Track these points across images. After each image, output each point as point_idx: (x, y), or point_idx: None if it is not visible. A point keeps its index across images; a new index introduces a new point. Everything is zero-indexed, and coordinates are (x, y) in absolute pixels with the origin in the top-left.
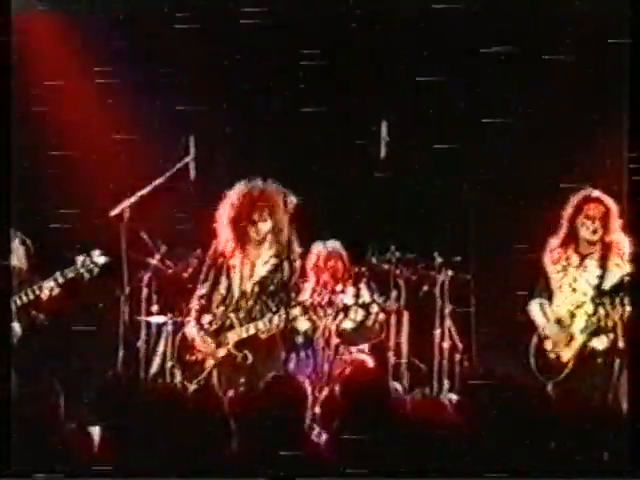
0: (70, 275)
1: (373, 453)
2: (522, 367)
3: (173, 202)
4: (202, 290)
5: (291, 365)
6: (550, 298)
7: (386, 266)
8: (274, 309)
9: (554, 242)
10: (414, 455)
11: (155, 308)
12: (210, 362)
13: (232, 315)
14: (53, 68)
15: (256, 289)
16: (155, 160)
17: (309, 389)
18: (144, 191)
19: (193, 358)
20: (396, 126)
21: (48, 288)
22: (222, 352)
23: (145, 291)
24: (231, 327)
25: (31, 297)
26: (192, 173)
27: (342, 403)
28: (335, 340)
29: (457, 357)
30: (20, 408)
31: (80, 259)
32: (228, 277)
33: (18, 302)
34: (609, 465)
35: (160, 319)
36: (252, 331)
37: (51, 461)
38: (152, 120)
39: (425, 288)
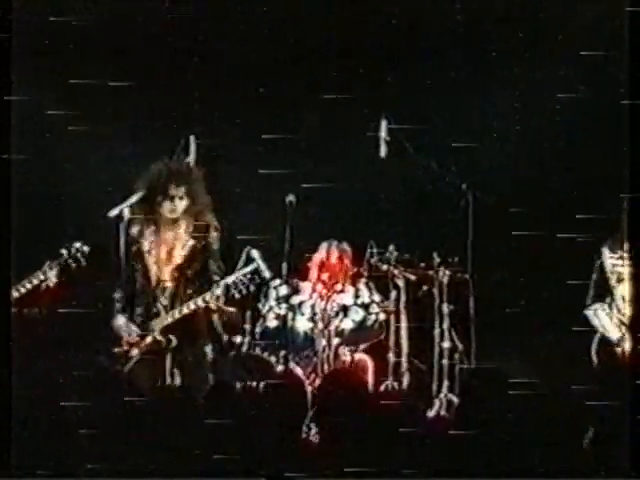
0: (58, 267)
1: (373, 453)
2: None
3: None
4: (121, 279)
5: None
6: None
7: (385, 266)
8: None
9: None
10: (414, 455)
11: None
12: (134, 352)
13: (157, 303)
14: (52, 66)
15: (175, 274)
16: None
17: (308, 388)
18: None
19: (121, 350)
20: (396, 125)
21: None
22: (147, 340)
23: None
24: (157, 315)
25: (22, 291)
26: None
27: (337, 402)
28: (335, 340)
29: (457, 357)
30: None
31: (64, 251)
32: (143, 263)
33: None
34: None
35: None
36: (177, 316)
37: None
38: (151, 119)
39: (424, 288)
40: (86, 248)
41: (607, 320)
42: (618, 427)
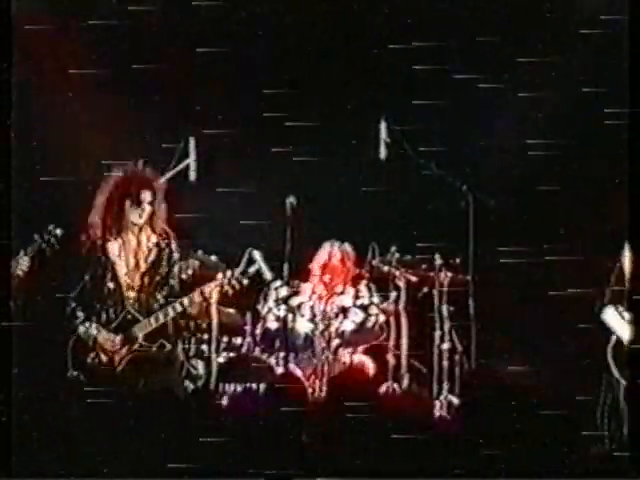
0: (33, 252)
1: (373, 453)
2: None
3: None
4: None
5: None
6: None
7: (386, 268)
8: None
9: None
10: (414, 455)
11: None
12: (117, 359)
13: (131, 309)
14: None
15: (146, 280)
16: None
17: (309, 390)
18: None
19: (97, 360)
20: (396, 127)
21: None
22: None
23: None
24: (135, 321)
25: None
26: (192, 175)
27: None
28: (335, 341)
29: (457, 358)
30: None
31: (37, 235)
32: (112, 269)
33: None
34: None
35: None
36: (162, 320)
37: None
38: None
39: (425, 289)
40: (59, 231)
41: (623, 322)
42: (618, 427)
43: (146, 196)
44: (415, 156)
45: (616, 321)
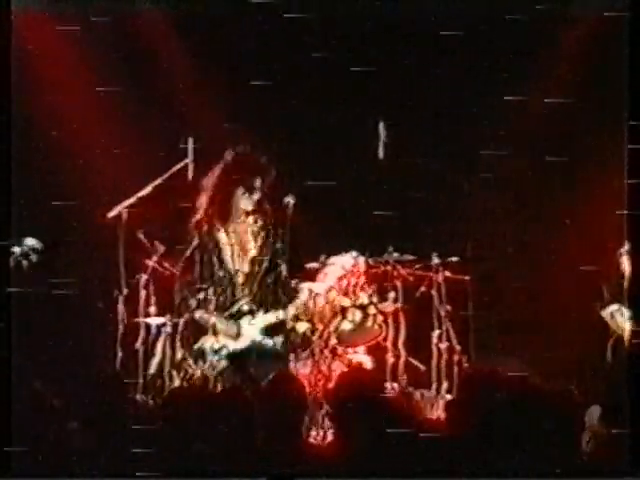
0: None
1: (372, 454)
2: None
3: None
4: (197, 275)
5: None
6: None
7: (383, 267)
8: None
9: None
10: (414, 455)
11: (153, 309)
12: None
13: (243, 300)
14: (52, 70)
15: (255, 268)
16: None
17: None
18: (142, 192)
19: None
20: (394, 126)
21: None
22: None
23: (143, 292)
24: (250, 312)
25: None
26: (190, 174)
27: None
28: (333, 341)
29: (455, 358)
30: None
31: (17, 249)
32: (219, 256)
33: None
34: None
35: (159, 320)
36: (281, 317)
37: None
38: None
39: (422, 289)
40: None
41: (623, 321)
42: (619, 426)
43: (257, 182)
44: (414, 155)
45: (615, 319)
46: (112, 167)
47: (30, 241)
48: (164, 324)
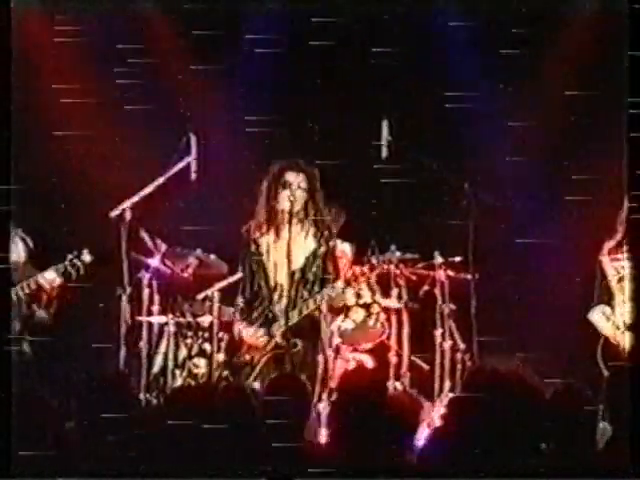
0: (61, 270)
1: (372, 453)
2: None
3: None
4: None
5: None
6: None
7: (387, 266)
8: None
9: (610, 244)
10: (414, 455)
11: (156, 308)
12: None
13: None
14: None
15: (296, 277)
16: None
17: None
18: (145, 191)
19: (244, 358)
20: (397, 125)
21: (44, 281)
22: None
23: (146, 291)
24: (274, 319)
25: (27, 291)
26: (193, 173)
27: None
28: (337, 340)
29: (459, 356)
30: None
31: (69, 256)
32: (262, 265)
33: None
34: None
35: (161, 319)
36: (295, 319)
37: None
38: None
39: (426, 288)
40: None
41: (609, 322)
42: (619, 427)
43: (301, 184)
44: (417, 155)
45: (602, 322)
46: (114, 165)
47: (85, 254)
48: (166, 323)
